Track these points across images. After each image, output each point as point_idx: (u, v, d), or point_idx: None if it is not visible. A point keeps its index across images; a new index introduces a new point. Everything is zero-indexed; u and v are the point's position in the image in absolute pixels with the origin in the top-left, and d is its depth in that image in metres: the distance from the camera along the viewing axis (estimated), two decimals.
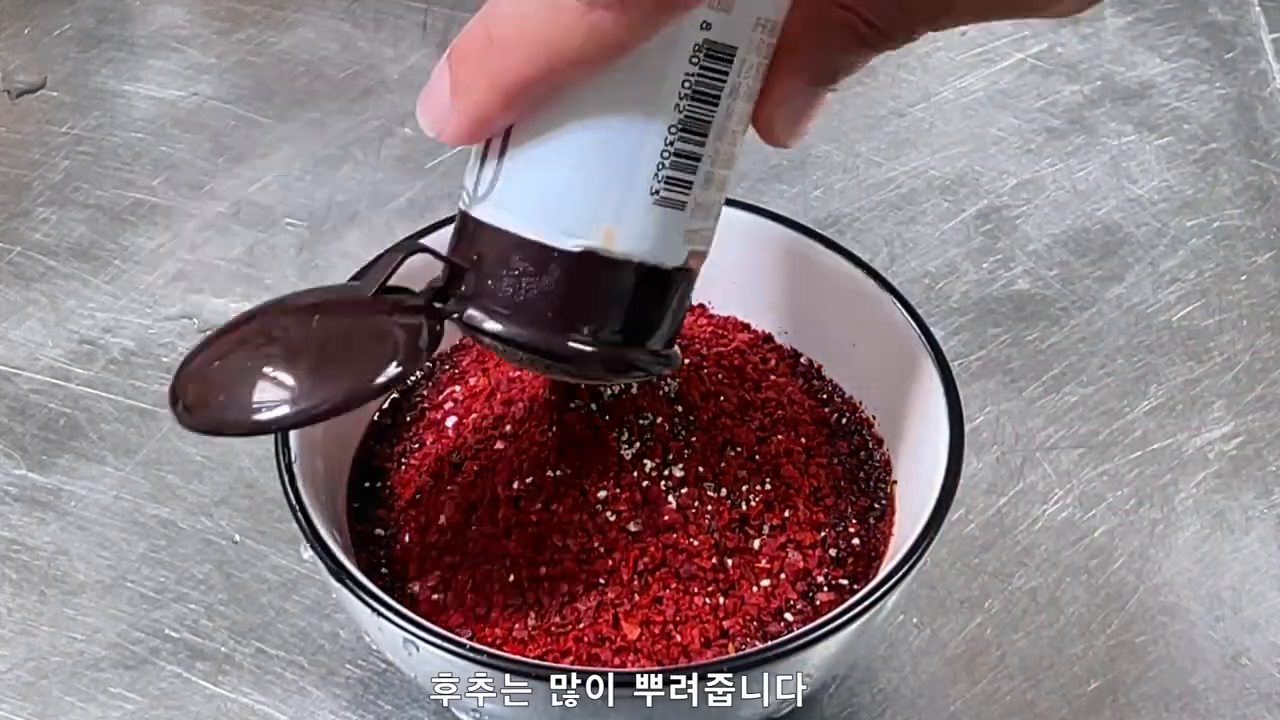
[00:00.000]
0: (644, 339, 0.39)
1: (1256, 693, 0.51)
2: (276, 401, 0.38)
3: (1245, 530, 0.55)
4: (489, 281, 0.38)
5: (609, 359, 0.39)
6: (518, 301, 0.38)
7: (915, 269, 0.65)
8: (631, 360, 0.39)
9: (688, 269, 0.39)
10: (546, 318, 0.38)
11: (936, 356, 0.47)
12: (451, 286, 0.39)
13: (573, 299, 0.37)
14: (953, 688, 0.50)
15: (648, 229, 0.37)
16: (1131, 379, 0.61)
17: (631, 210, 0.37)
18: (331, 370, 0.38)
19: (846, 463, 0.49)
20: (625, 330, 0.38)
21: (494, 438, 0.46)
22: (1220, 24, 0.79)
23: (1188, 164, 0.71)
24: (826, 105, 0.39)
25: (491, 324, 0.38)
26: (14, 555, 0.54)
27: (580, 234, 0.37)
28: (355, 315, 0.40)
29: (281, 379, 0.38)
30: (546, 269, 0.37)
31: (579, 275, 0.37)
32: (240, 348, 0.39)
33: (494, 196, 0.37)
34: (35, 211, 0.68)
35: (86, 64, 0.76)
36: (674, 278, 0.38)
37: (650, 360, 0.39)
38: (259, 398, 0.38)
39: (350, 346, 0.39)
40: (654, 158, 0.36)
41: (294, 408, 0.37)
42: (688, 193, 0.37)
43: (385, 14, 0.79)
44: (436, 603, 0.44)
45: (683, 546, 0.44)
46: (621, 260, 0.37)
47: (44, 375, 0.60)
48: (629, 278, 0.37)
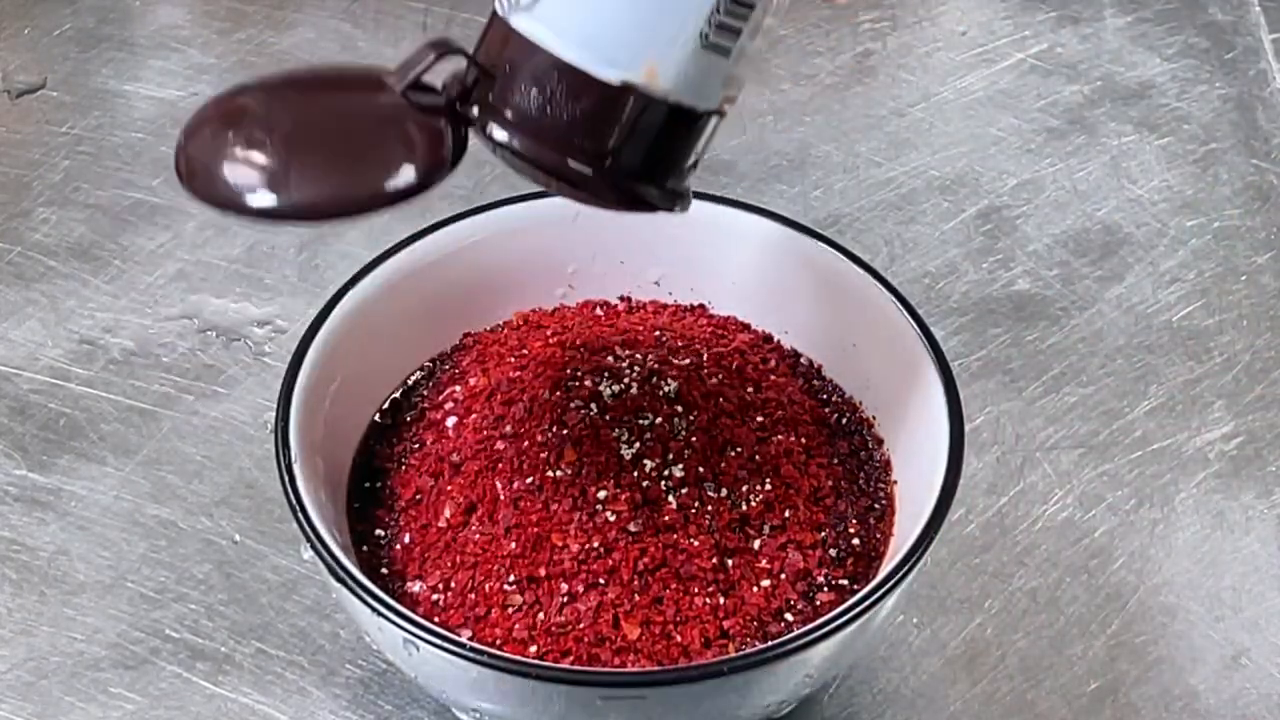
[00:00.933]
0: (665, 174, 0.39)
1: (1256, 693, 0.51)
2: (282, 185, 0.35)
3: (1245, 530, 0.55)
4: (517, 95, 0.37)
5: (624, 189, 0.38)
6: (544, 120, 0.37)
7: (915, 269, 0.65)
8: (645, 195, 0.39)
9: (720, 111, 0.38)
10: (571, 141, 0.37)
11: (936, 356, 0.47)
12: (477, 90, 0.38)
13: (601, 128, 0.37)
14: (953, 688, 0.50)
15: (691, 72, 0.37)
16: (1131, 379, 0.61)
17: (678, 51, 0.36)
18: (346, 164, 0.36)
19: (846, 463, 0.49)
20: (646, 163, 0.38)
21: (494, 438, 0.46)
22: (1220, 24, 0.79)
23: (1188, 164, 0.71)
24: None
25: (513, 138, 0.37)
26: (14, 555, 0.54)
27: (623, 66, 0.36)
28: (374, 102, 0.37)
29: (292, 162, 0.36)
30: (580, 95, 0.36)
31: (612, 106, 0.37)
32: (251, 117, 0.37)
33: (538, 10, 0.36)
34: (35, 211, 0.68)
35: (86, 64, 0.76)
36: (704, 120, 0.38)
37: (662, 197, 0.39)
38: (262, 179, 0.36)
39: (367, 139, 0.37)
40: (710, 1, 0.36)
41: (302, 197, 0.35)
42: (736, 40, 0.37)
43: (385, 14, 0.79)
44: (436, 603, 0.44)
45: (683, 546, 0.44)
46: (659, 98, 0.37)
47: (44, 375, 0.60)
48: (661, 116, 0.37)
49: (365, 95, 0.38)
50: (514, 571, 0.44)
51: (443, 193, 0.71)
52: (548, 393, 0.47)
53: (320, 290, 0.62)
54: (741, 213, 0.52)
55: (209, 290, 0.64)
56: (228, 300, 0.63)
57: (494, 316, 0.53)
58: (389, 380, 0.51)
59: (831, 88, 0.75)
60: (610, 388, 0.46)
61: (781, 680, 0.42)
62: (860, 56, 0.77)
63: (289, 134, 0.36)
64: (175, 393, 0.60)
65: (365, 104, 0.38)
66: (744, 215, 0.52)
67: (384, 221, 0.67)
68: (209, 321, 0.63)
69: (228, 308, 0.63)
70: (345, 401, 0.49)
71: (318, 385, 0.47)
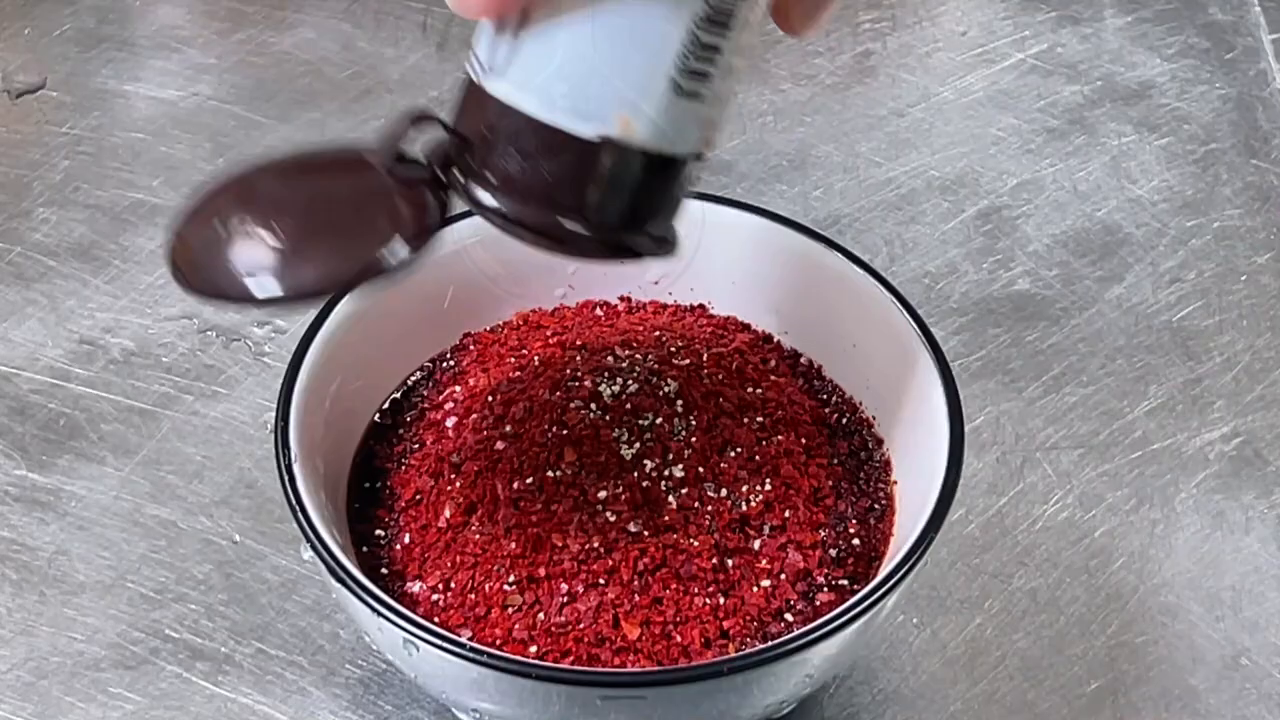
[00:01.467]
0: (648, 222, 0.39)
1: (1256, 693, 0.51)
2: (277, 271, 0.36)
3: (1245, 530, 0.55)
4: (496, 158, 0.37)
5: (610, 242, 0.38)
6: (524, 180, 0.37)
7: (915, 269, 0.65)
8: (633, 245, 0.39)
9: (699, 155, 0.38)
10: (552, 199, 0.37)
11: (936, 356, 0.47)
12: (458, 157, 0.38)
13: (581, 183, 0.37)
14: (953, 688, 0.50)
15: (665, 120, 0.37)
16: (1131, 379, 0.61)
17: (650, 101, 0.36)
18: (336, 243, 0.36)
19: (846, 463, 0.49)
20: (630, 214, 0.38)
21: (494, 438, 0.46)
22: (1220, 24, 0.79)
23: (1188, 164, 0.71)
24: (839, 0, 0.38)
25: (496, 201, 0.37)
26: (14, 555, 0.54)
27: (598, 121, 0.36)
28: (357, 180, 0.38)
29: (284, 248, 0.36)
30: (558, 152, 0.37)
31: (590, 161, 0.37)
32: (238, 209, 0.37)
33: (510, 73, 0.37)
34: (35, 211, 0.68)
35: (86, 64, 0.76)
36: (684, 164, 0.38)
37: (650, 244, 0.39)
38: (256, 266, 0.36)
39: (355, 217, 0.37)
40: (676, 49, 0.36)
41: (298, 280, 0.36)
42: (708, 84, 0.37)
43: (385, 14, 0.79)
44: (436, 603, 0.44)
45: (683, 547, 0.44)
46: (636, 149, 0.37)
47: (44, 375, 0.60)
48: (640, 165, 0.37)
49: (349, 175, 0.39)
50: (514, 571, 0.44)
51: None
52: (548, 393, 0.47)
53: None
54: (741, 213, 0.52)
55: None
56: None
57: (494, 316, 0.53)
58: (389, 380, 0.51)
59: (831, 88, 0.75)
60: (610, 388, 0.46)
61: (781, 680, 0.42)
62: (860, 56, 0.77)
63: (278, 222, 0.37)
64: (175, 393, 0.60)
65: (350, 184, 0.38)
66: (744, 215, 0.52)
67: None
68: (209, 321, 0.63)
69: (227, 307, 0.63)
70: (345, 401, 0.49)
71: (318, 385, 0.47)
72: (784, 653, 0.40)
